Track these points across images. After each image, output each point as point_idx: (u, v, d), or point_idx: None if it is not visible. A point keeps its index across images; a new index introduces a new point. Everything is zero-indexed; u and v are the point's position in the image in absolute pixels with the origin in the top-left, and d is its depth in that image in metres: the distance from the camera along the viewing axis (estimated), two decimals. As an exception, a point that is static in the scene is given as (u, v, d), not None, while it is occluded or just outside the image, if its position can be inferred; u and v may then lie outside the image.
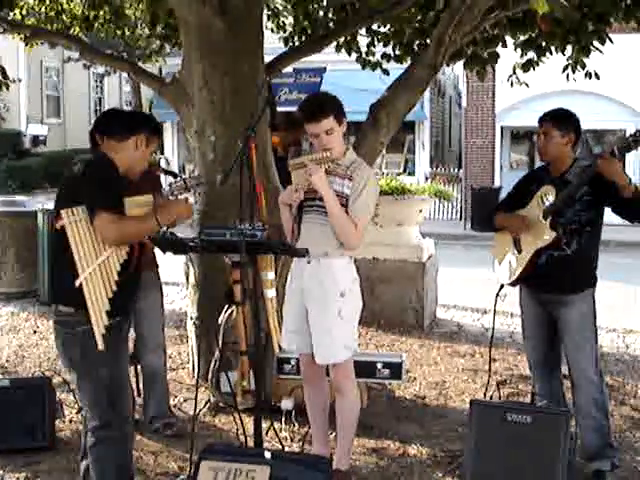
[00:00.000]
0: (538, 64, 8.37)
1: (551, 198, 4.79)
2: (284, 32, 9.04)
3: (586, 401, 4.90)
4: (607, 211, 4.88)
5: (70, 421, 5.93)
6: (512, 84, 8.92)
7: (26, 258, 10.05)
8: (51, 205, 10.68)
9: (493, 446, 4.68)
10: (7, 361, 7.54)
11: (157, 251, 5.16)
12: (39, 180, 25.65)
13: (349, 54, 8.59)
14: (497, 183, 21.70)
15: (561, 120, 4.91)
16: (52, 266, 4.29)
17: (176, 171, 13.29)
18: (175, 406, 6.20)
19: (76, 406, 6.12)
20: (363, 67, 8.80)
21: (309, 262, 4.66)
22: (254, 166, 4.66)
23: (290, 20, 8.96)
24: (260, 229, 4.24)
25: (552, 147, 4.90)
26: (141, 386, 6.11)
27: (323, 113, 4.60)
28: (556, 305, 4.92)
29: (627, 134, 4.70)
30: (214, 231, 4.34)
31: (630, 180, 4.59)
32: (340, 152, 4.70)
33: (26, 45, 8.89)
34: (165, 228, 5.25)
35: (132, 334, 5.95)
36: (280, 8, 9.02)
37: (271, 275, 4.65)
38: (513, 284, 5.09)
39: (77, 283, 3.89)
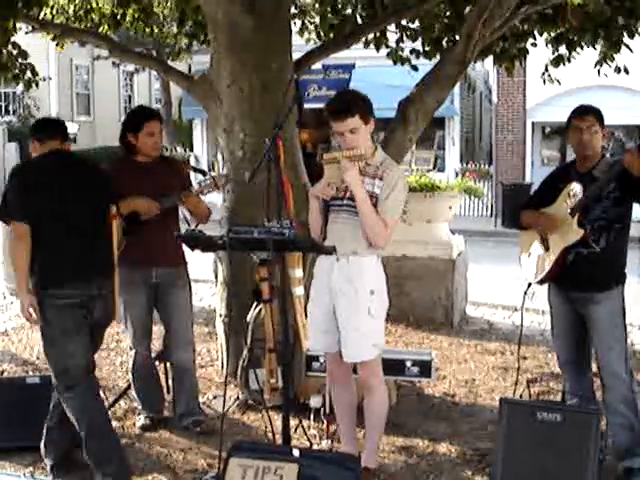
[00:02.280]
0: (570, 60, 8.31)
1: (578, 195, 4.74)
2: (309, 33, 9.02)
3: (616, 399, 4.86)
4: (636, 207, 4.83)
5: (100, 418, 5.94)
6: (545, 81, 8.86)
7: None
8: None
9: (523, 445, 4.64)
10: (38, 358, 7.58)
11: (186, 248, 5.19)
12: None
13: (378, 50, 8.55)
14: (528, 179, 21.58)
15: (600, 115, 4.87)
16: (95, 245, 4.89)
17: (205, 169, 13.32)
18: (204, 403, 6.21)
19: (106, 403, 6.16)
20: (394, 62, 8.75)
21: (338, 259, 4.64)
22: (282, 163, 4.66)
23: (317, 19, 8.93)
24: (288, 227, 4.24)
25: (596, 141, 4.85)
26: (170, 383, 6.14)
27: (348, 112, 4.57)
28: (585, 303, 4.88)
29: None
30: (242, 229, 4.34)
31: None
32: (368, 151, 4.67)
33: (57, 45, 8.94)
34: (193, 226, 5.31)
35: (162, 331, 5.99)
36: (308, 6, 8.99)
37: (299, 273, 4.65)
38: (541, 282, 5.05)
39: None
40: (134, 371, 5.83)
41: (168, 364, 6.16)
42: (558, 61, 8.34)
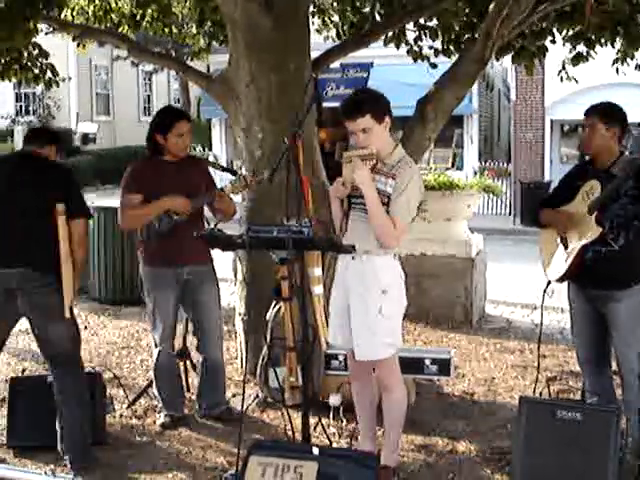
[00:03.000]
0: (587, 59, 8.28)
1: (596, 193, 4.74)
2: (328, 31, 9.02)
3: (636, 397, 4.84)
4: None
5: (120, 416, 5.99)
6: (562, 79, 8.83)
7: (77, 255, 10.13)
8: (102, 202, 10.82)
9: (542, 443, 4.63)
10: (59, 357, 7.62)
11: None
12: (89, 178, 25.91)
13: (397, 47, 8.54)
14: (547, 177, 21.48)
15: (605, 113, 4.87)
16: (22, 240, 4.96)
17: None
18: (224, 402, 6.23)
19: (126, 401, 6.20)
20: (415, 60, 8.73)
21: (353, 258, 4.64)
22: (300, 162, 4.67)
23: (335, 17, 8.93)
24: (307, 226, 4.25)
25: (596, 140, 4.86)
26: (191, 381, 6.16)
27: (358, 112, 4.57)
28: (604, 301, 4.87)
29: None
30: (261, 228, 4.36)
31: None
32: (382, 150, 4.66)
33: (77, 46, 8.99)
34: (213, 225, 5.34)
35: (180, 330, 6.01)
36: (326, 5, 8.99)
37: (318, 272, 4.66)
38: (560, 280, 5.03)
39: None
40: (157, 369, 5.85)
41: (189, 362, 6.20)
42: (577, 59, 8.31)
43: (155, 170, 5.65)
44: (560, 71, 8.77)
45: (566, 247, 4.92)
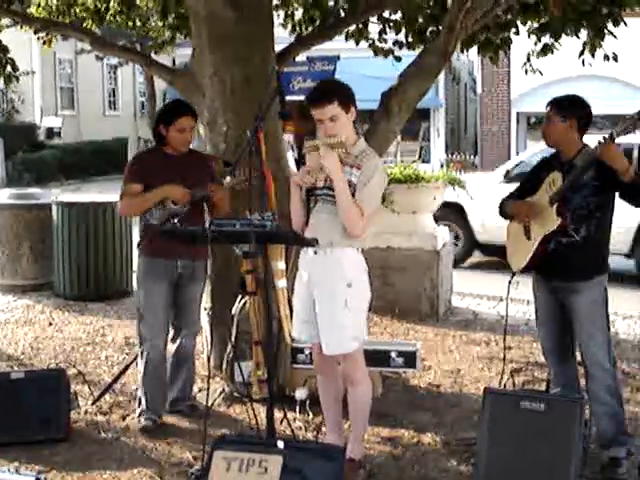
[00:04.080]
0: (552, 51, 8.31)
1: (558, 184, 4.77)
2: (292, 21, 8.99)
3: (599, 388, 4.87)
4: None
5: (85, 412, 5.94)
6: (527, 72, 8.86)
7: (41, 250, 10.05)
8: (65, 197, 10.74)
9: (507, 434, 4.65)
10: (22, 353, 7.56)
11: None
12: (54, 172, 25.71)
13: (357, 44, 8.54)
14: (513, 170, 21.61)
15: (561, 105, 4.91)
16: None
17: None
18: (190, 397, 6.20)
19: (91, 397, 6.15)
20: (375, 54, 8.73)
21: (315, 252, 4.63)
22: (263, 156, 4.65)
23: (298, 11, 8.90)
24: (270, 219, 4.23)
25: (553, 132, 4.92)
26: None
27: (327, 99, 4.57)
28: (566, 293, 4.90)
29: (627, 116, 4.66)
30: (224, 221, 4.34)
31: (633, 165, 4.58)
32: (349, 140, 4.66)
33: (44, 43, 8.89)
34: (176, 220, 5.29)
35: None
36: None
37: (282, 265, 4.64)
38: (523, 271, 5.07)
39: None
40: (146, 366, 5.66)
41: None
42: (544, 51, 8.33)
43: (156, 161, 5.64)
44: (525, 64, 8.79)
45: (529, 238, 4.95)
